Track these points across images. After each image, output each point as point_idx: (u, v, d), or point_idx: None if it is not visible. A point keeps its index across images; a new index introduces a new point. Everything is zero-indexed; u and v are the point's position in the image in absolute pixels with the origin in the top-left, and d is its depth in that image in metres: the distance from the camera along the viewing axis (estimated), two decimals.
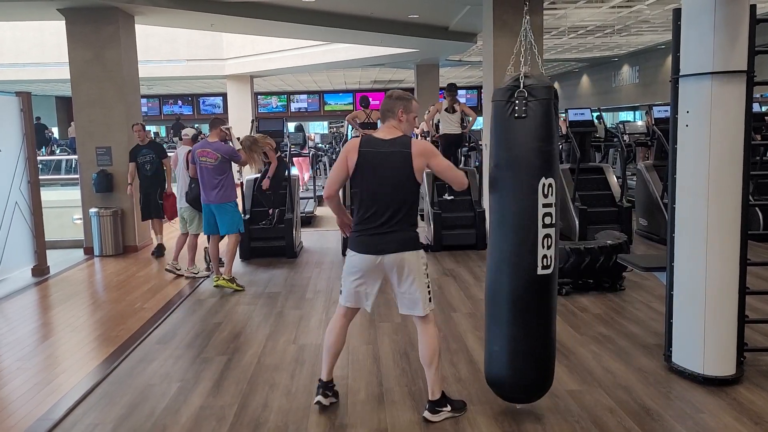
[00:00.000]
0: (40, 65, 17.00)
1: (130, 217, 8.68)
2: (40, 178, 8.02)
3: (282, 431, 3.44)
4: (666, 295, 4.10)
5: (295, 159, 11.66)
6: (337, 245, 8.41)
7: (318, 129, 28.76)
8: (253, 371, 4.27)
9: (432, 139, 9.40)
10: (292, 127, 16.08)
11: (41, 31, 15.80)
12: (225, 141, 6.55)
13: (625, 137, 11.46)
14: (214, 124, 6.52)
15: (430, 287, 3.46)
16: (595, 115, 9.63)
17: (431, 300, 3.46)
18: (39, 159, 8.49)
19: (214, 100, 29.07)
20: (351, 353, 4.53)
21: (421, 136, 13.12)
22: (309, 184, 13.59)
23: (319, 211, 11.81)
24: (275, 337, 4.98)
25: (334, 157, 14.97)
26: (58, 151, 20.40)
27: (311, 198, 12.24)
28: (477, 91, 29.27)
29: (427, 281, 3.44)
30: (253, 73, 19.04)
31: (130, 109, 8.79)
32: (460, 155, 9.73)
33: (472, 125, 9.31)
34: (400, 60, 17.33)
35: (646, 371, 4.08)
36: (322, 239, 9.22)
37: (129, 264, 7.93)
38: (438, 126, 9.19)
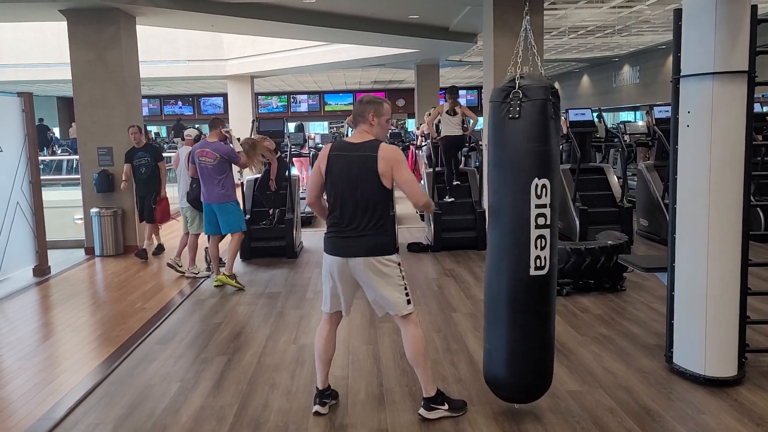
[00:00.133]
0: (42, 66, 17.02)
1: (131, 217, 8.68)
2: (42, 178, 8.03)
3: (282, 431, 3.44)
4: (667, 296, 4.09)
5: (295, 159, 11.64)
6: None
7: (318, 129, 28.78)
8: (253, 371, 4.27)
9: (433, 141, 9.39)
10: (292, 127, 16.09)
11: (43, 32, 15.82)
12: (225, 141, 6.55)
13: (626, 137, 11.45)
14: (213, 124, 6.53)
15: (407, 289, 3.41)
16: (594, 114, 9.61)
17: (409, 302, 3.42)
18: (40, 159, 8.47)
19: (214, 100, 29.11)
20: (351, 353, 4.53)
21: (422, 137, 13.13)
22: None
23: None
24: (275, 337, 4.98)
25: None
26: (59, 152, 20.44)
27: None
28: (477, 91, 29.28)
29: (402, 284, 3.39)
30: (254, 74, 19.04)
31: (131, 110, 8.80)
32: (461, 156, 9.72)
33: (473, 127, 9.29)
34: (401, 60, 17.33)
35: (647, 372, 4.07)
36: (323, 239, 9.19)
37: (130, 264, 7.94)
38: (438, 128, 9.17)
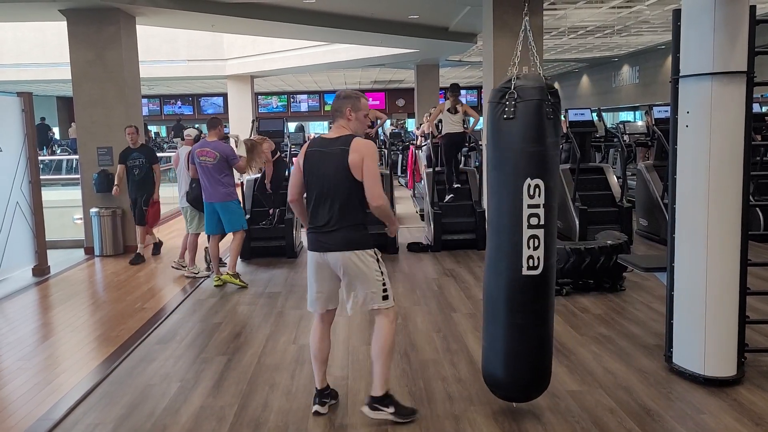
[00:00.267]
0: (42, 65, 17.04)
1: (131, 218, 8.67)
2: (41, 178, 8.02)
3: (282, 431, 3.44)
4: (666, 296, 4.09)
5: (295, 159, 11.66)
6: None
7: (318, 129, 28.78)
8: (253, 371, 4.27)
9: (434, 141, 9.39)
10: (292, 127, 16.08)
11: (42, 32, 15.83)
12: (224, 140, 6.56)
13: (626, 137, 11.46)
14: (212, 124, 6.53)
15: (386, 285, 3.39)
16: (594, 114, 9.61)
17: (388, 297, 3.39)
18: (40, 159, 8.47)
19: (214, 100, 29.13)
20: (351, 353, 4.54)
21: (422, 137, 13.13)
22: None
23: None
24: (275, 337, 4.98)
25: None
26: (58, 151, 20.44)
27: None
28: (477, 91, 29.31)
29: (381, 279, 3.37)
30: (254, 74, 19.06)
31: (131, 110, 8.79)
32: (461, 156, 9.71)
33: (474, 127, 9.30)
34: (401, 60, 17.35)
35: (646, 372, 4.07)
36: None
37: (129, 264, 7.93)
38: (439, 126, 9.17)
